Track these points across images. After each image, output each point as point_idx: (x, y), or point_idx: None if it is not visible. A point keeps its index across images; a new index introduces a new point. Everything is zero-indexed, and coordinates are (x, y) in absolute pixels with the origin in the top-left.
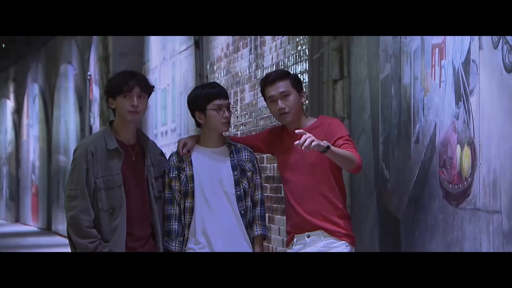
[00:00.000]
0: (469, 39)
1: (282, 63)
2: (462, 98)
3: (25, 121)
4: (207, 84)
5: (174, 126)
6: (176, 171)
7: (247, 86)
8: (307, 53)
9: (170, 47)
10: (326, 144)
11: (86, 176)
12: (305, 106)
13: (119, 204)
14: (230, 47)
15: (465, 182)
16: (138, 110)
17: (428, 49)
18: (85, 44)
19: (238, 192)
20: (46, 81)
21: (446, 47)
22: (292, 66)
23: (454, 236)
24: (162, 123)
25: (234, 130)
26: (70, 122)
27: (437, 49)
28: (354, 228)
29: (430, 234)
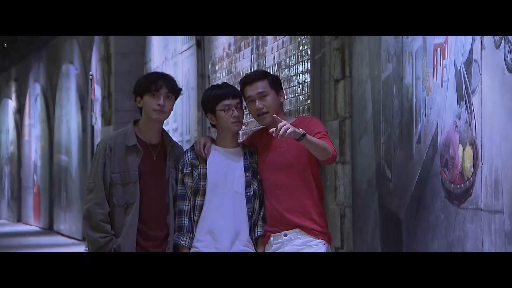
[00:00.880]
0: (471, 39)
1: (284, 63)
2: (464, 98)
3: (27, 121)
4: (217, 85)
5: (175, 125)
6: (189, 168)
7: None
8: (309, 53)
9: (171, 47)
10: (302, 131)
11: (103, 170)
12: (306, 106)
13: (133, 200)
14: (232, 47)
15: (467, 182)
16: (164, 109)
17: (430, 49)
18: (86, 44)
19: (248, 193)
20: (48, 81)
21: (448, 47)
22: (293, 66)
23: (456, 236)
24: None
25: None
26: (71, 122)
27: (439, 49)
28: (355, 228)
29: (432, 234)
